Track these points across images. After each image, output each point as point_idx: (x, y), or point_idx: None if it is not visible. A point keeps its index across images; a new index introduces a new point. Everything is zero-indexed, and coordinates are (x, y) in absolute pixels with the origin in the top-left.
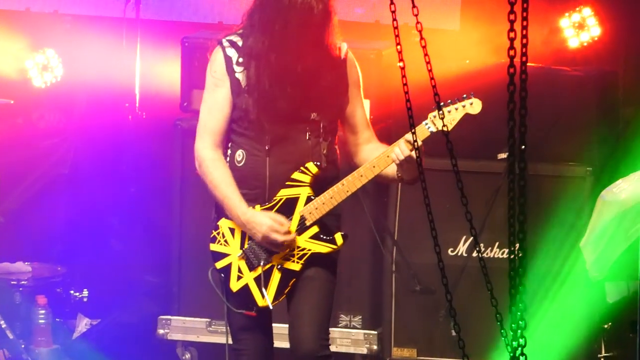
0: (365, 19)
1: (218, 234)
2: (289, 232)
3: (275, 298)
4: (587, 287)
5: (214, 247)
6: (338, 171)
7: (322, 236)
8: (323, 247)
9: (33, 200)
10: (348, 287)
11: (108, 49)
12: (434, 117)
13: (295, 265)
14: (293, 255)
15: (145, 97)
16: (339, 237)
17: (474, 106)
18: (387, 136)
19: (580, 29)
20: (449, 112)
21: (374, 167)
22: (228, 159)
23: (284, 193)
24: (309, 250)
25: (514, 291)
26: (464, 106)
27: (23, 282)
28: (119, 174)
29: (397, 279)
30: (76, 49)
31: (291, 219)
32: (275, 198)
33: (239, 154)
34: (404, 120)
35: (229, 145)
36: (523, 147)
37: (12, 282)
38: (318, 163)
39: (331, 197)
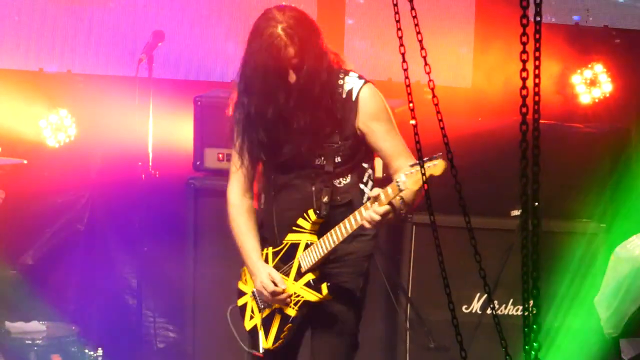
0: (377, 76)
1: (243, 272)
2: (277, 291)
3: (275, 341)
4: (601, 343)
5: (239, 284)
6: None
7: (312, 284)
8: (311, 296)
9: (48, 258)
10: (362, 344)
11: (121, 108)
12: (408, 173)
13: (291, 311)
14: (291, 301)
15: (158, 156)
16: (324, 287)
17: (437, 167)
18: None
19: (592, 86)
20: (412, 173)
21: (346, 227)
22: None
23: (289, 238)
24: (302, 297)
25: (528, 348)
26: (429, 167)
27: (38, 342)
28: (132, 233)
29: (412, 335)
30: (89, 108)
31: (291, 266)
32: (283, 242)
33: (262, 197)
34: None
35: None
36: (536, 203)
37: (27, 342)
38: (318, 211)
39: (321, 246)
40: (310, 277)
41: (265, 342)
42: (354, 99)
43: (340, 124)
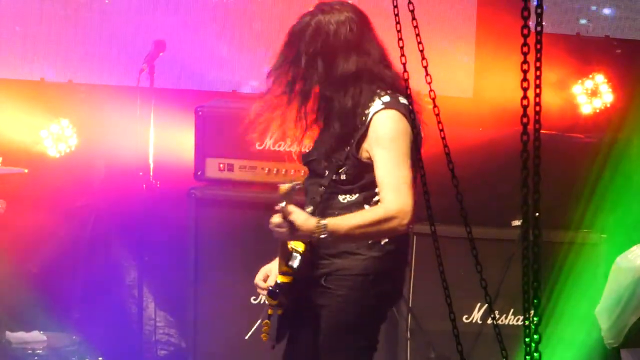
0: None
1: None
2: (257, 284)
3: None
4: (603, 354)
5: None
6: None
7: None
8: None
9: (49, 268)
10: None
11: (122, 118)
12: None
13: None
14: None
15: (160, 166)
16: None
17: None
18: None
19: (594, 96)
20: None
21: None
22: None
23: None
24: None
25: (529, 358)
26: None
27: (38, 352)
28: (133, 243)
29: (412, 345)
30: (90, 118)
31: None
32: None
33: None
34: (417, 187)
35: None
36: (537, 214)
37: (28, 352)
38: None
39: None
40: (280, 279)
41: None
42: (367, 122)
43: (351, 144)
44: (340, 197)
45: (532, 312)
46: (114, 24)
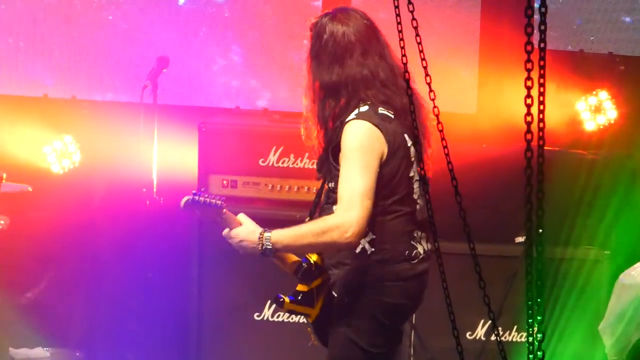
0: None
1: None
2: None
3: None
4: None
5: None
6: None
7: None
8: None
9: (53, 284)
10: None
11: (125, 134)
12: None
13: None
14: None
15: (163, 182)
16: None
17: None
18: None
19: (597, 112)
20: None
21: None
22: None
23: None
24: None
25: None
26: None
27: None
28: (136, 259)
29: None
30: (94, 134)
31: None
32: None
33: None
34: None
35: None
36: (540, 230)
37: None
38: None
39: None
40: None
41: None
42: (340, 132)
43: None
44: (334, 207)
45: (535, 328)
46: (117, 41)
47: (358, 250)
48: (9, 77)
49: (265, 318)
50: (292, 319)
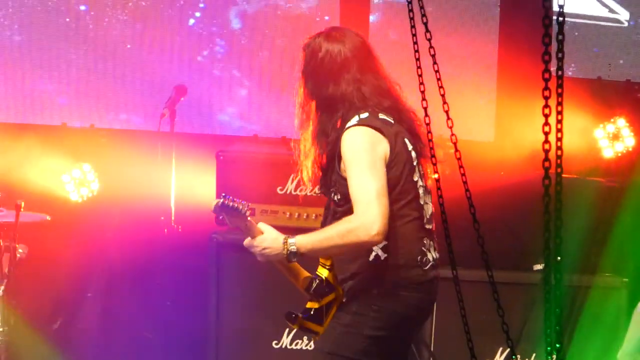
0: None
1: None
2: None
3: None
4: None
5: None
6: None
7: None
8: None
9: (72, 312)
10: None
11: (143, 162)
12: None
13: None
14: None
15: (181, 210)
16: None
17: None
18: None
19: (615, 140)
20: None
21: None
22: None
23: None
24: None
25: None
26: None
27: None
28: (154, 287)
29: None
30: (112, 163)
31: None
32: None
33: None
34: (439, 231)
35: None
36: (558, 258)
37: None
38: None
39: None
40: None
41: None
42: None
43: (335, 164)
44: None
45: (554, 356)
46: (136, 70)
47: (371, 258)
48: (28, 106)
49: (283, 346)
50: (310, 346)
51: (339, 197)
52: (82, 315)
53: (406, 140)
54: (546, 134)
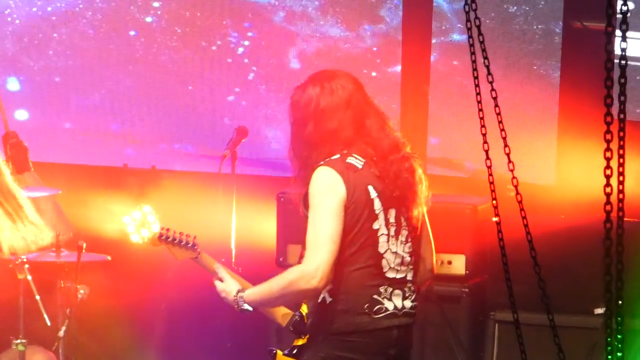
0: (459, 172)
1: None
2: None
3: None
4: None
5: None
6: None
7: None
8: None
9: (134, 353)
10: None
11: (204, 204)
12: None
13: None
14: None
15: (241, 252)
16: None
17: None
18: (482, 291)
19: None
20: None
21: None
22: None
23: None
24: None
25: None
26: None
27: None
28: (215, 329)
29: None
30: (173, 204)
31: None
32: None
33: None
34: (500, 274)
35: None
36: (620, 302)
37: None
38: None
39: None
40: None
41: None
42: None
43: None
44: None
45: None
46: (196, 112)
47: (319, 300)
48: (89, 147)
49: None
50: None
51: None
52: (143, 356)
53: (370, 188)
54: (608, 177)
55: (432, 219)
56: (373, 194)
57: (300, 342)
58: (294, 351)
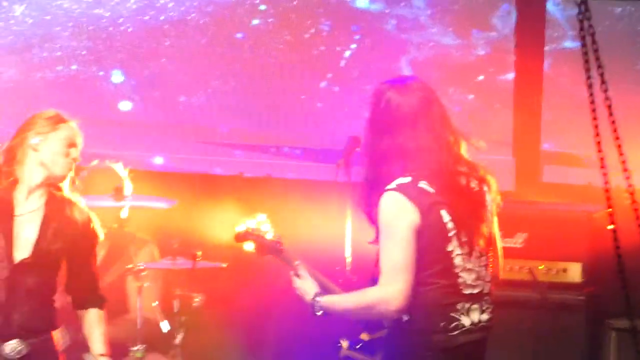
0: (577, 181)
1: None
2: None
3: None
4: None
5: None
6: None
7: None
8: None
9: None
10: None
11: (318, 212)
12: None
13: None
14: None
15: (356, 261)
16: None
17: None
18: (598, 299)
19: None
20: None
21: None
22: None
23: None
24: None
25: None
26: None
27: None
28: (329, 339)
29: None
30: (287, 213)
31: None
32: None
33: None
34: (616, 282)
35: None
36: None
37: None
38: None
39: None
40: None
41: None
42: None
43: None
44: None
45: None
46: (309, 120)
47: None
48: (208, 155)
49: None
50: None
51: None
52: None
53: (442, 212)
54: None
55: (548, 227)
56: (446, 217)
57: (367, 337)
58: (358, 345)
